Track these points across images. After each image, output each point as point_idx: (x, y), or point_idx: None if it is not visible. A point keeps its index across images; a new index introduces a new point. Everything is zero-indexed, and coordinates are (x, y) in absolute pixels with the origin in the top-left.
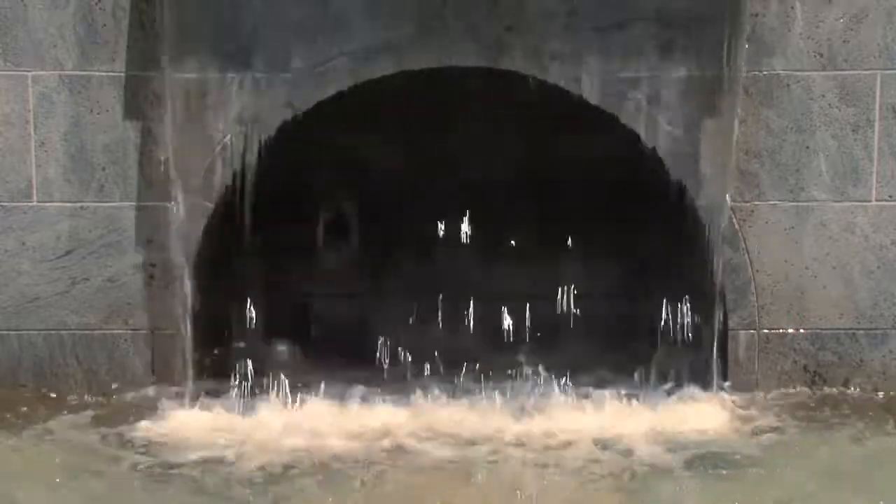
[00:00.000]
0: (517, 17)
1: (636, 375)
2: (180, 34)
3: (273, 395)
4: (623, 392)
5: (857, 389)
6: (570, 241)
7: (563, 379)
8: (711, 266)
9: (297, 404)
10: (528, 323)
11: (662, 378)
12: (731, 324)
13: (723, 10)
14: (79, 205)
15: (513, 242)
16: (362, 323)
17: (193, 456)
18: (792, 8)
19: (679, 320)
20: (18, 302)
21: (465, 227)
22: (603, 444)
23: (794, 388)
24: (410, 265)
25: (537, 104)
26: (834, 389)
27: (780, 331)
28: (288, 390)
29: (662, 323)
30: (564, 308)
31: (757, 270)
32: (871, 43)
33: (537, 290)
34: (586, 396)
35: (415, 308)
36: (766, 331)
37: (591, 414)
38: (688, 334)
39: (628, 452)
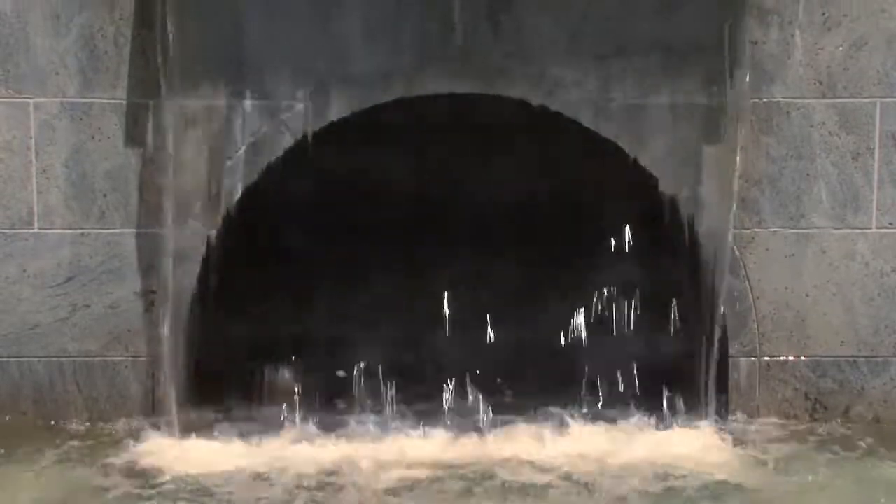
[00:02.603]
0: (518, 44)
1: (634, 402)
2: (182, 61)
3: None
4: (621, 419)
5: (859, 417)
6: (568, 267)
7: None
8: (712, 293)
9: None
10: (527, 350)
11: (661, 405)
12: (731, 351)
13: (723, 38)
14: (80, 231)
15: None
16: (354, 348)
17: (192, 485)
18: (792, 36)
19: (678, 347)
20: (19, 329)
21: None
22: (598, 472)
23: (795, 415)
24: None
25: (537, 130)
26: (835, 417)
27: (781, 358)
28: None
29: (662, 350)
30: (562, 334)
31: (757, 297)
32: (870, 71)
33: (534, 316)
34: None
35: (414, 333)
36: (766, 358)
37: (580, 441)
38: (688, 361)
39: (626, 479)
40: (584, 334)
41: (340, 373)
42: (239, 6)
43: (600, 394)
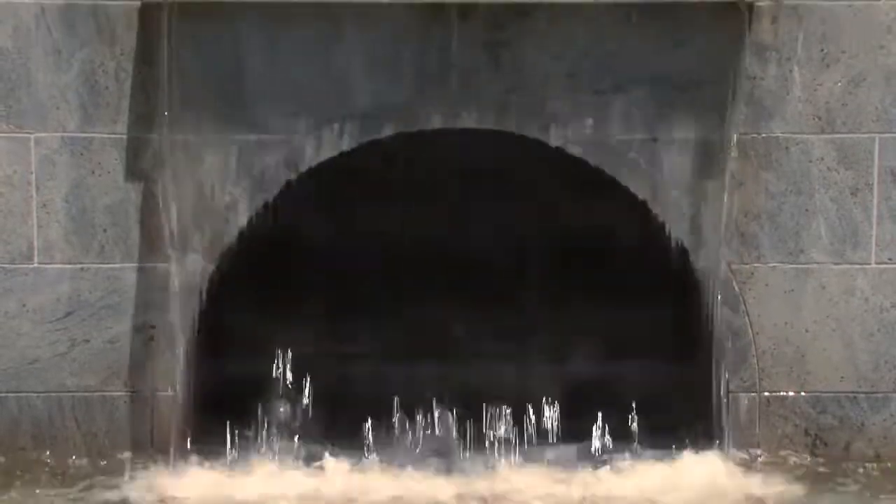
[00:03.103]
0: (517, 80)
1: (635, 437)
2: (183, 96)
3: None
4: (620, 454)
5: (859, 453)
6: (567, 302)
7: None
8: (712, 328)
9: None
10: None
11: (660, 441)
12: (731, 386)
13: (721, 74)
14: (79, 266)
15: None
16: (360, 385)
17: None
18: (790, 71)
19: (678, 383)
20: (18, 364)
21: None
22: None
23: (795, 451)
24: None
25: (536, 165)
26: (835, 453)
27: (781, 393)
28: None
29: (661, 386)
30: (560, 369)
31: (757, 333)
32: (868, 107)
33: (532, 351)
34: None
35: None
36: (766, 393)
37: (576, 478)
38: (687, 397)
39: None
40: (582, 369)
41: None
42: (240, 42)
43: (599, 428)
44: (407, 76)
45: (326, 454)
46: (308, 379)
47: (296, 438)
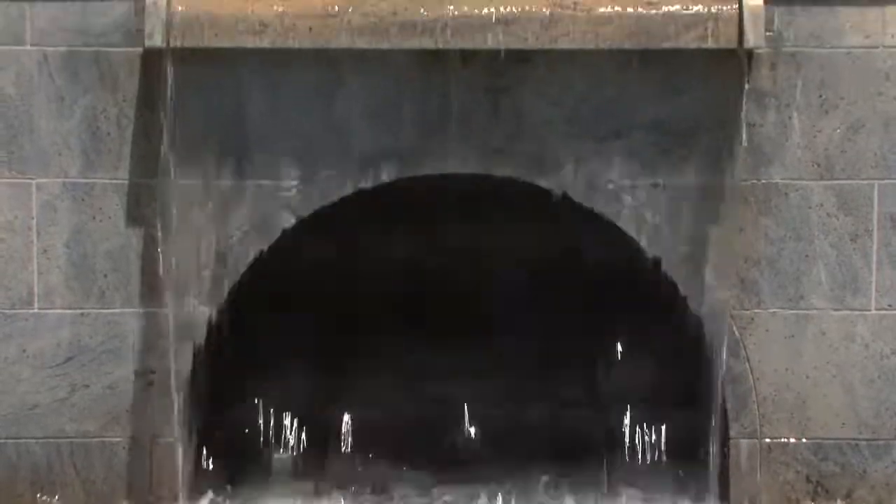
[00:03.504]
0: (517, 125)
1: (635, 486)
2: (184, 141)
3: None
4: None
5: (861, 501)
6: (567, 351)
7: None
8: (712, 374)
9: None
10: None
11: (661, 489)
12: (732, 433)
13: (721, 120)
14: (80, 311)
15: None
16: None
17: None
18: (789, 118)
19: (679, 428)
20: (18, 409)
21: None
22: None
23: (797, 499)
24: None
25: (535, 211)
26: (837, 500)
27: (782, 440)
28: None
29: (660, 432)
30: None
31: (758, 378)
32: (867, 153)
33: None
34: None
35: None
36: (767, 440)
37: None
38: (687, 443)
39: None
40: (580, 413)
41: None
42: (241, 87)
43: (601, 473)
44: (407, 122)
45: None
46: (308, 424)
47: (296, 483)
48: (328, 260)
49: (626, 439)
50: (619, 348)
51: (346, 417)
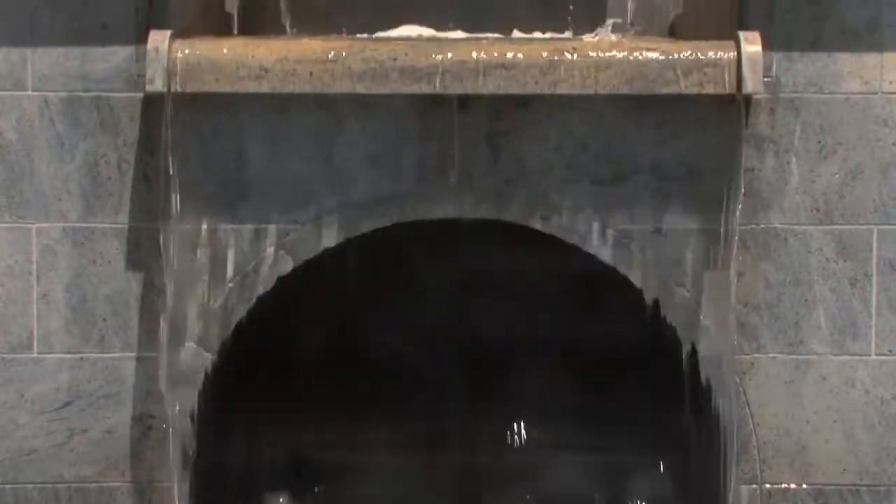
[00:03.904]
0: (517, 171)
1: None
2: (184, 186)
3: None
4: None
5: None
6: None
7: None
8: (711, 419)
9: None
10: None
11: None
12: (732, 478)
13: (720, 165)
14: (79, 356)
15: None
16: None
17: None
18: (788, 163)
19: (678, 475)
20: (15, 455)
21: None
22: None
23: None
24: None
25: (535, 255)
26: None
27: (783, 486)
28: None
29: (661, 478)
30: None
31: (758, 424)
32: (866, 198)
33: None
34: None
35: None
36: (768, 486)
37: None
38: (687, 489)
39: None
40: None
41: None
42: (241, 132)
43: None
44: (406, 166)
45: None
46: (308, 469)
47: None
48: (327, 304)
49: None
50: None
51: (349, 461)
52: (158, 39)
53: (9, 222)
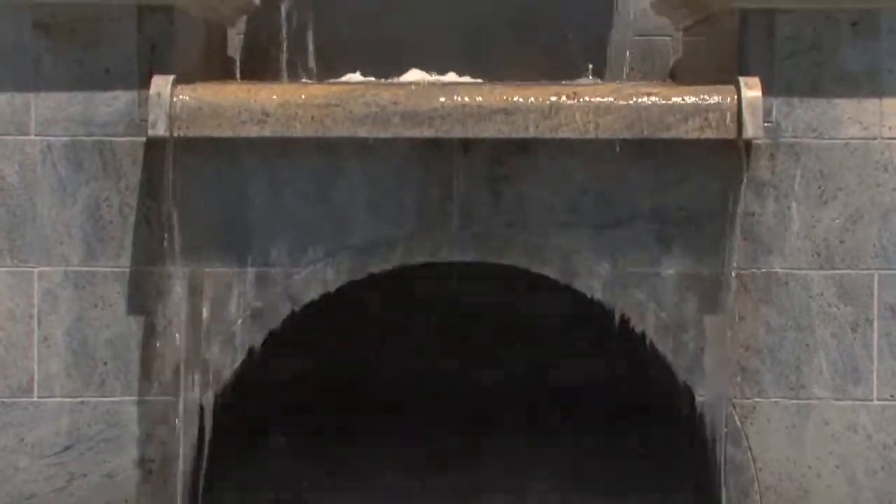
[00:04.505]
0: (517, 214)
1: None
2: (185, 229)
3: None
4: None
5: None
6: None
7: None
8: (714, 464)
9: None
10: None
11: None
12: None
13: (721, 209)
14: (79, 400)
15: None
16: None
17: None
18: (788, 208)
19: None
20: (15, 499)
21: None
22: None
23: None
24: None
25: (535, 299)
26: None
27: None
28: None
29: None
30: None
31: (760, 469)
32: (867, 243)
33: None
34: None
35: None
36: None
37: None
38: None
39: None
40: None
41: None
42: (243, 175)
43: None
44: (408, 210)
45: None
46: None
47: None
48: (328, 348)
49: None
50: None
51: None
52: (161, 84)
53: (10, 266)
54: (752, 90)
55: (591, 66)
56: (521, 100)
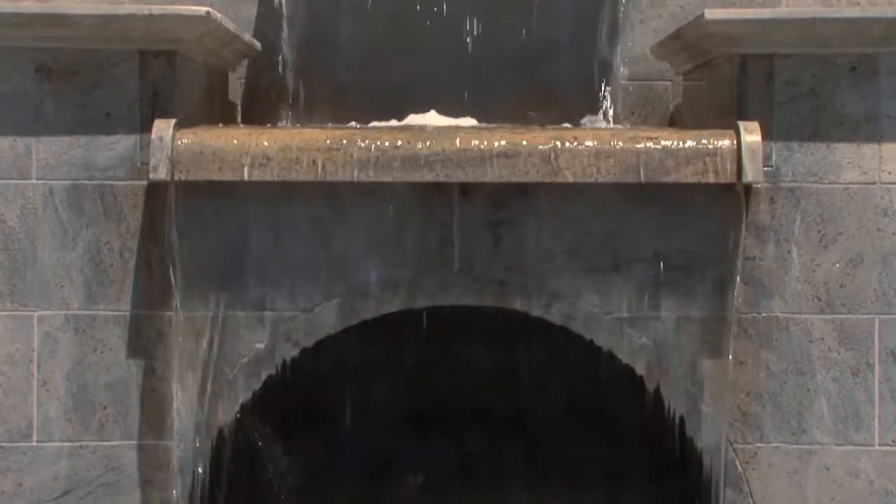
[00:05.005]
0: (517, 258)
1: None
2: (186, 272)
3: None
4: None
5: None
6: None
7: None
8: None
9: None
10: None
11: None
12: None
13: (720, 253)
14: (78, 444)
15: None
16: None
17: None
18: (789, 252)
19: None
20: None
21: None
22: None
23: None
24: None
25: (536, 343)
26: None
27: None
28: None
29: None
30: None
31: None
32: (867, 288)
33: None
34: None
35: None
36: None
37: None
38: None
39: None
40: None
41: None
42: (243, 219)
43: None
44: (408, 254)
45: None
46: None
47: None
48: (328, 393)
49: None
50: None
51: None
52: (163, 128)
53: (10, 310)
54: (751, 135)
55: (591, 110)
56: (521, 144)
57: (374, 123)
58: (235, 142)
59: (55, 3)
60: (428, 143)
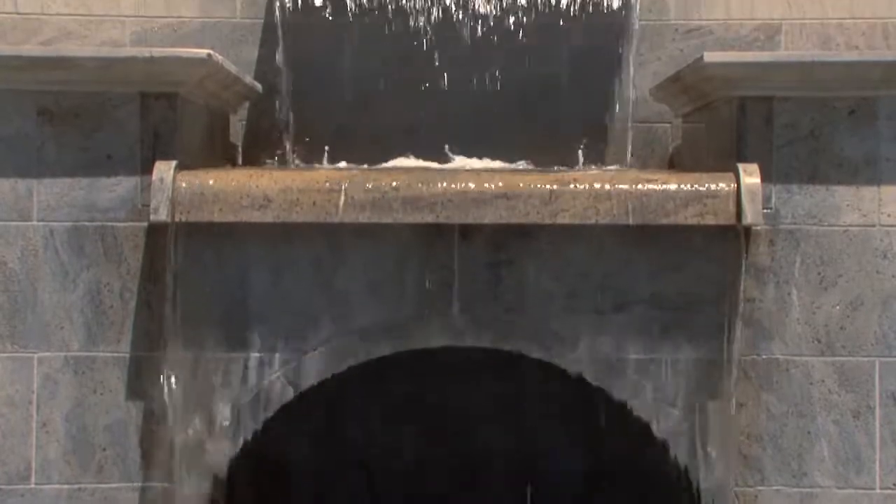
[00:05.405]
0: (517, 300)
1: None
2: (186, 314)
3: None
4: None
5: None
6: None
7: None
8: None
9: None
10: None
11: None
12: None
13: (720, 295)
14: (77, 486)
15: None
16: None
17: None
18: (788, 294)
19: None
20: None
21: None
22: None
23: None
24: None
25: (535, 383)
26: None
27: None
28: None
29: None
30: None
31: None
32: (867, 330)
33: None
34: None
35: None
36: None
37: None
38: None
39: None
40: None
41: None
42: (243, 261)
43: None
44: (408, 295)
45: None
46: None
47: None
48: (329, 436)
49: None
50: None
51: None
52: (164, 170)
53: (10, 352)
54: (751, 177)
55: (590, 152)
56: (521, 186)
57: (377, 165)
58: (236, 183)
59: (57, 46)
60: (428, 185)
